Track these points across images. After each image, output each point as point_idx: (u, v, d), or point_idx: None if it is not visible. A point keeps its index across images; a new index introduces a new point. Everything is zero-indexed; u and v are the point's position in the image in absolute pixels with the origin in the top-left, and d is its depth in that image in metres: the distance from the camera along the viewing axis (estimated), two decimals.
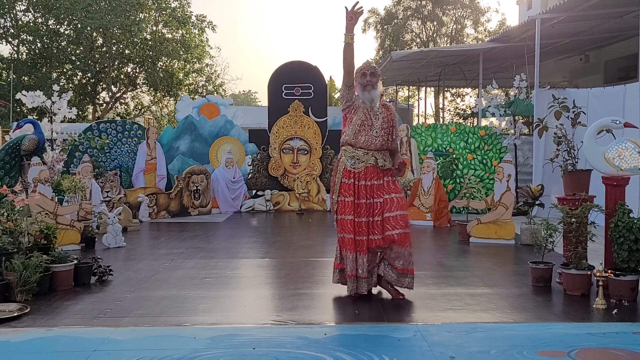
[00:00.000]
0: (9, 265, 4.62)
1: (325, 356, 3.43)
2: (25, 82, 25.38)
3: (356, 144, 4.69)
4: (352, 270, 4.67)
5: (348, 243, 4.68)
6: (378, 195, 4.68)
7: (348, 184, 4.68)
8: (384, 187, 4.71)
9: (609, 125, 5.05)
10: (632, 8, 10.49)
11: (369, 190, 4.67)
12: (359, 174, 4.67)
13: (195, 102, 14.54)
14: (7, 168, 8.34)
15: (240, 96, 52.99)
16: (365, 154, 4.67)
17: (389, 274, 4.75)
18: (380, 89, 4.81)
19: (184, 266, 6.04)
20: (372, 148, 4.68)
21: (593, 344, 3.66)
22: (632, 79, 11.92)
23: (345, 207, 4.68)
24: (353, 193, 4.66)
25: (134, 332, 3.89)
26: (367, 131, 4.67)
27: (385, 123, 4.72)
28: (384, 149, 4.74)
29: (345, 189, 4.69)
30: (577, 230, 4.91)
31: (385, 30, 35.22)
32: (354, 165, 4.68)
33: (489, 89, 10.87)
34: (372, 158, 4.68)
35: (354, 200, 4.66)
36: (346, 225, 4.67)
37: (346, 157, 4.73)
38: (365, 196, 4.66)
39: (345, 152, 4.75)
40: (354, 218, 4.65)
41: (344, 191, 4.70)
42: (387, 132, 4.73)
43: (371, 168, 4.68)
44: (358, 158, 4.68)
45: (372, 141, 4.67)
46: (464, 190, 8.57)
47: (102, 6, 25.92)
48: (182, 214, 10.20)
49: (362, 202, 4.66)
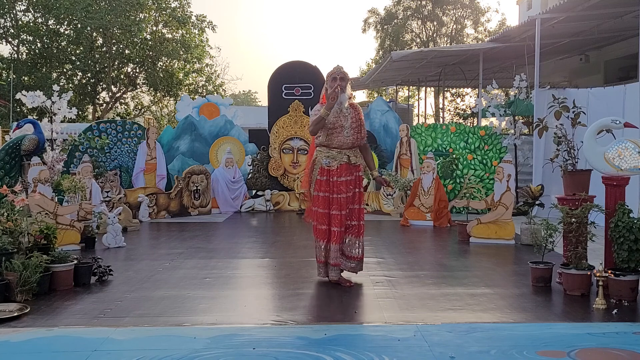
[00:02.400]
0: (9, 265, 4.62)
1: (325, 356, 3.43)
2: (25, 82, 25.39)
3: (330, 144, 5.15)
4: (321, 257, 5.24)
5: (320, 232, 5.20)
6: (350, 189, 5.18)
7: (323, 180, 5.17)
8: (355, 181, 5.23)
9: (609, 125, 5.05)
10: (632, 8, 10.49)
11: (344, 185, 5.14)
12: (333, 171, 5.15)
13: (195, 102, 14.56)
14: (7, 168, 8.34)
15: (240, 96, 53.02)
16: (339, 153, 5.15)
17: (344, 263, 5.29)
18: (348, 92, 5.22)
19: (184, 266, 6.04)
20: (345, 147, 5.15)
21: (593, 344, 3.66)
22: (632, 79, 11.91)
23: (319, 201, 5.19)
24: (328, 189, 5.16)
25: (134, 332, 3.89)
26: (339, 132, 5.11)
27: (354, 123, 5.16)
28: (355, 147, 5.22)
29: (320, 185, 5.19)
30: (577, 230, 4.91)
31: (385, 30, 35.23)
32: (329, 164, 5.15)
33: (489, 89, 10.86)
34: (345, 156, 5.15)
35: (329, 196, 5.16)
36: (320, 217, 5.19)
37: (321, 157, 5.20)
38: (339, 191, 5.14)
39: (320, 152, 5.22)
40: (328, 211, 5.16)
41: (319, 187, 5.20)
42: (357, 131, 5.18)
43: (344, 165, 5.15)
44: (333, 157, 5.15)
45: (344, 141, 5.12)
46: (464, 190, 8.56)
47: (102, 6, 25.93)
48: (182, 214, 10.20)
49: (336, 197, 5.14)
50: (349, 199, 5.16)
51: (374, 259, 6.36)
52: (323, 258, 5.24)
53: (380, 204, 10.43)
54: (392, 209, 10.15)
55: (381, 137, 12.20)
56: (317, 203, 5.22)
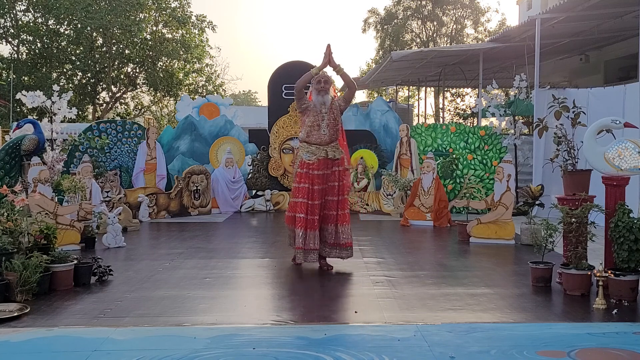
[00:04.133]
0: (9, 265, 4.62)
1: (325, 356, 3.43)
2: (25, 82, 25.38)
3: (310, 141, 5.74)
4: (301, 244, 5.70)
5: (299, 221, 5.69)
6: (329, 181, 5.75)
7: (303, 173, 5.72)
8: (335, 175, 5.78)
9: (609, 125, 5.05)
10: (632, 8, 10.49)
11: (322, 178, 5.70)
12: (313, 164, 5.69)
13: (195, 102, 14.55)
14: (7, 168, 8.33)
15: (240, 96, 53.00)
16: (318, 149, 5.72)
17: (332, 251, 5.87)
18: (331, 94, 5.82)
19: (184, 266, 6.04)
20: (323, 143, 5.72)
21: (593, 344, 3.66)
22: (632, 79, 11.91)
23: (299, 192, 5.72)
24: (308, 181, 5.68)
25: (134, 332, 3.89)
26: (317, 130, 5.72)
27: (330, 122, 5.75)
28: (333, 142, 5.77)
29: (300, 177, 5.73)
30: (577, 230, 4.91)
31: (385, 30, 35.21)
32: (309, 158, 5.70)
33: (489, 89, 10.86)
34: (323, 151, 5.71)
35: (308, 187, 5.68)
36: (300, 207, 5.69)
37: (302, 152, 5.77)
38: (318, 183, 5.69)
39: (302, 148, 5.81)
40: (307, 201, 5.67)
41: (299, 179, 5.73)
42: (334, 129, 5.77)
43: (323, 160, 5.70)
44: (312, 152, 5.72)
45: (322, 138, 5.72)
46: (464, 190, 8.56)
47: (102, 6, 25.92)
48: (182, 214, 10.20)
49: (316, 188, 5.69)
50: (323, 191, 5.73)
51: (374, 259, 6.36)
52: (302, 245, 5.69)
53: (380, 204, 10.43)
54: (392, 209, 10.15)
55: (381, 137, 12.20)
56: (297, 194, 5.74)
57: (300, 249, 5.72)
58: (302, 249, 5.71)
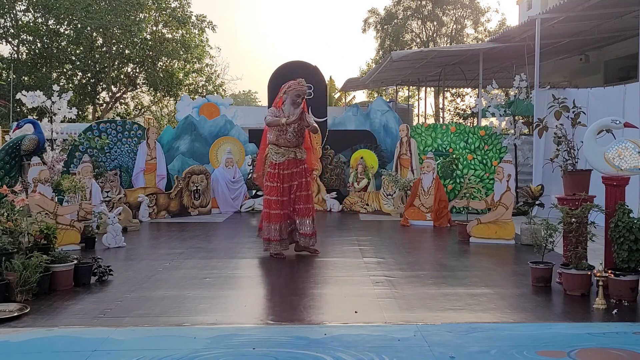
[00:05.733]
0: (9, 265, 4.62)
1: (325, 356, 3.43)
2: (25, 82, 25.37)
3: (279, 143, 6.38)
4: (276, 237, 6.36)
5: (274, 217, 6.34)
6: (296, 179, 6.40)
7: (273, 173, 6.36)
8: (301, 172, 6.43)
9: (609, 125, 5.05)
10: (632, 8, 10.49)
11: (290, 176, 6.37)
12: (282, 164, 6.35)
13: (195, 102, 14.54)
14: (7, 168, 8.33)
15: (240, 96, 53.00)
16: (287, 150, 6.38)
17: (302, 240, 6.51)
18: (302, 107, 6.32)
19: (184, 266, 6.04)
20: (291, 146, 6.39)
21: (593, 344, 3.67)
22: (632, 79, 11.91)
23: (271, 190, 6.37)
24: (278, 179, 6.33)
25: (134, 332, 3.89)
26: (284, 135, 6.35)
27: (296, 129, 6.34)
28: (299, 145, 6.46)
29: (271, 176, 6.37)
30: (577, 230, 4.91)
31: (385, 30, 35.21)
32: (278, 159, 6.36)
33: (489, 89, 10.85)
34: (292, 153, 6.39)
35: (278, 185, 6.33)
36: (273, 204, 6.35)
37: (272, 153, 6.41)
38: (287, 181, 6.36)
39: (271, 149, 6.44)
40: (279, 198, 6.33)
41: (270, 178, 6.38)
42: (299, 135, 6.41)
43: (292, 160, 6.39)
44: (281, 154, 6.37)
45: (290, 141, 6.37)
46: (464, 190, 8.56)
47: (102, 6, 25.92)
48: (182, 214, 10.20)
49: (285, 186, 6.35)
50: (292, 187, 6.38)
51: (374, 259, 6.37)
52: (277, 237, 6.36)
53: (380, 204, 10.43)
54: (392, 209, 10.15)
55: (381, 137, 12.20)
56: (269, 192, 6.37)
57: (276, 241, 6.36)
58: (277, 240, 6.37)
